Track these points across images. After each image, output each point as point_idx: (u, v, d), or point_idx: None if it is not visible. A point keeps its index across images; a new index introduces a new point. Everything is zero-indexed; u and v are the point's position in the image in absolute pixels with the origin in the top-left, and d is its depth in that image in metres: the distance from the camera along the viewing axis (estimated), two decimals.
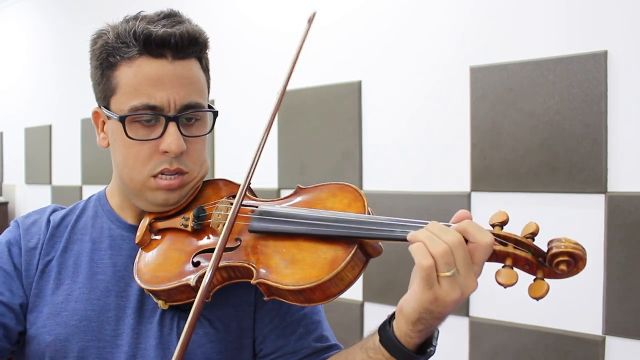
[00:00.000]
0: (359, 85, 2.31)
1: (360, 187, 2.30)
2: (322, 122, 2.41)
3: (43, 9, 4.15)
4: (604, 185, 1.75)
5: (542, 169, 1.85)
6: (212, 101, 0.96)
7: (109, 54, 0.88)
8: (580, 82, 1.78)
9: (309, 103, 2.46)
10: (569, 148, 1.80)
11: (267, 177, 2.55)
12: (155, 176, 0.89)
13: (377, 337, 0.78)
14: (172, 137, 0.86)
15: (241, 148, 2.66)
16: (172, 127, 0.87)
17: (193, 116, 0.91)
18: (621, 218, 1.72)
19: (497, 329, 1.95)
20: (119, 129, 0.88)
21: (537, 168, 1.86)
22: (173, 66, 0.87)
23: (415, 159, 2.17)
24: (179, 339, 0.88)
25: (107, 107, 0.91)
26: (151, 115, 0.87)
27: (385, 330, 0.77)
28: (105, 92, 0.91)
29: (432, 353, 0.77)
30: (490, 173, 1.96)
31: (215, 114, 0.95)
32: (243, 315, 0.94)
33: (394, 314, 0.77)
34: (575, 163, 1.79)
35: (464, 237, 0.70)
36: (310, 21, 0.90)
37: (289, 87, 0.89)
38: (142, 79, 0.86)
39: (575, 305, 1.81)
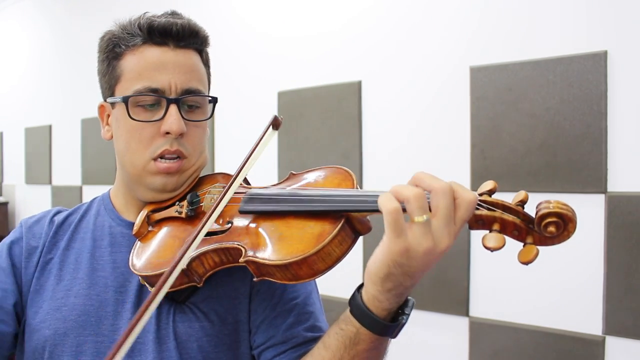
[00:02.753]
0: (359, 85, 2.31)
1: (360, 187, 2.29)
2: (322, 122, 2.41)
3: (43, 8, 4.15)
4: (604, 185, 1.75)
5: (542, 169, 1.85)
6: None
7: (115, 44, 0.93)
8: (580, 82, 1.78)
9: (309, 103, 2.45)
10: (569, 148, 1.80)
11: (267, 177, 2.55)
12: (155, 159, 0.92)
13: (348, 308, 0.76)
14: (173, 118, 0.90)
15: (239, 150, 2.65)
16: (173, 108, 0.90)
17: (193, 102, 0.94)
18: (621, 218, 1.72)
19: (497, 329, 1.95)
20: (123, 113, 0.91)
21: (537, 168, 1.86)
22: (175, 53, 0.92)
23: (415, 158, 2.17)
24: (175, 333, 0.89)
25: (112, 96, 0.94)
26: (153, 99, 0.90)
27: (354, 298, 0.75)
28: (110, 81, 0.94)
29: (403, 322, 0.73)
30: (490, 173, 1.96)
31: (215, 100, 0.98)
32: (239, 308, 0.94)
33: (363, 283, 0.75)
34: (575, 163, 1.79)
35: None
36: (273, 126, 0.87)
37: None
38: (145, 64, 0.91)
39: (575, 305, 1.81)
